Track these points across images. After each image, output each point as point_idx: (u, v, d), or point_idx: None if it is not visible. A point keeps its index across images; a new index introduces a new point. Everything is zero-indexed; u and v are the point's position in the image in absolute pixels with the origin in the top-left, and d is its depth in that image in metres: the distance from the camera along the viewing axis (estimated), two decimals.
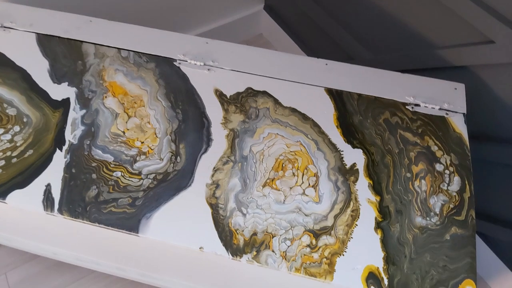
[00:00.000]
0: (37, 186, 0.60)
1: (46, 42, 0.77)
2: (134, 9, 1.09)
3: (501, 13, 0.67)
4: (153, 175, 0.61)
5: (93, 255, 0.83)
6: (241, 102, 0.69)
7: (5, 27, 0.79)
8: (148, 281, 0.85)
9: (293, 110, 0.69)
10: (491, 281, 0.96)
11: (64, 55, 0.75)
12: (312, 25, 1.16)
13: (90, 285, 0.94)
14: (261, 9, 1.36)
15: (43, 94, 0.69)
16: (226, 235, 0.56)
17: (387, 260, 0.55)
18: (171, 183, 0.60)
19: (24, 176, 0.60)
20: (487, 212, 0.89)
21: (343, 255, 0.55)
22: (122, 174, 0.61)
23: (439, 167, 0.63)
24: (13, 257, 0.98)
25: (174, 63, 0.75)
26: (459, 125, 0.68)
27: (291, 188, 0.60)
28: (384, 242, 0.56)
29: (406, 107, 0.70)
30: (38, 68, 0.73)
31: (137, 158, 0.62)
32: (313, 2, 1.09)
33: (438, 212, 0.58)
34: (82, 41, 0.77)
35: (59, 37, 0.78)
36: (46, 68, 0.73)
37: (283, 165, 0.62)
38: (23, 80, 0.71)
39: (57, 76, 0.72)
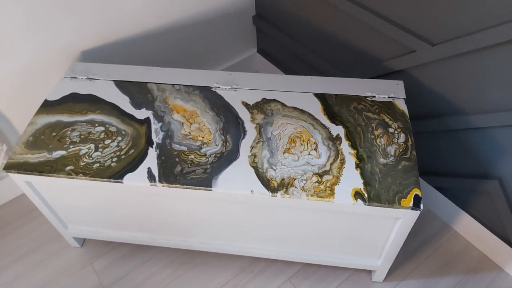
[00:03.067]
0: (142, 170, 0.94)
1: (122, 85, 1.14)
2: (170, 60, 1.48)
3: (417, 33, 1.07)
4: (214, 154, 0.96)
5: (162, 233, 1.16)
6: (260, 107, 1.06)
7: (90, 78, 1.16)
8: (205, 248, 1.17)
9: (295, 108, 1.06)
10: (452, 223, 1.31)
11: (137, 92, 1.12)
12: (295, 59, 1.57)
13: (159, 262, 1.26)
14: (255, 52, 1.77)
15: (130, 117, 1.05)
16: (265, 182, 0.91)
17: (365, 184, 0.90)
18: (226, 158, 0.95)
19: (131, 165, 0.95)
20: (439, 169, 1.25)
21: (338, 184, 0.90)
22: (194, 156, 0.96)
23: (391, 130, 1.00)
24: (95, 251, 1.29)
25: (212, 89, 1.12)
26: (402, 105, 1.06)
27: (301, 152, 0.96)
28: (362, 174, 0.91)
29: (366, 98, 1.08)
30: (122, 101, 1.09)
31: (202, 146, 0.98)
32: (295, 41, 1.50)
33: (393, 154, 0.95)
34: (146, 82, 1.14)
35: (130, 81, 1.15)
36: (128, 101, 1.09)
37: (294, 140, 0.98)
38: (114, 109, 1.07)
39: (136, 105, 1.08)
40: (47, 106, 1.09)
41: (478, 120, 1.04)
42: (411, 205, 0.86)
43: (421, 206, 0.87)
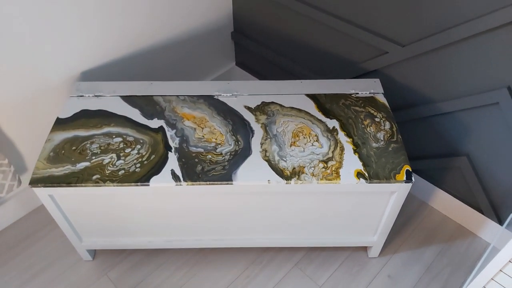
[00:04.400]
0: (165, 172, 1.03)
1: (130, 100, 1.22)
2: (159, 75, 1.58)
3: (388, 37, 1.25)
4: (229, 153, 1.07)
5: (177, 235, 1.24)
6: (261, 109, 1.19)
7: (96, 95, 1.24)
8: (218, 244, 1.26)
9: (292, 108, 1.20)
10: (428, 200, 1.49)
11: (145, 104, 1.21)
12: (275, 69, 1.72)
13: (173, 264, 1.33)
14: (234, 66, 1.90)
15: (145, 126, 1.14)
16: (279, 172, 1.03)
17: (364, 165, 1.05)
18: (241, 155, 1.07)
19: (155, 169, 1.04)
20: (415, 154, 1.43)
21: (342, 167, 1.04)
22: (212, 156, 1.06)
23: (377, 119, 1.16)
24: (108, 262, 1.34)
25: (214, 97, 1.23)
26: (382, 99, 1.23)
27: (305, 144, 1.09)
28: (360, 158, 1.06)
29: (351, 95, 1.24)
30: (133, 114, 1.18)
31: (217, 147, 1.09)
32: (274, 52, 1.65)
33: (382, 139, 1.11)
34: (152, 95, 1.24)
35: (136, 95, 1.24)
36: (139, 113, 1.18)
37: (297, 134, 1.12)
38: (127, 121, 1.15)
39: (148, 116, 1.17)
40: (61, 124, 1.15)
41: (445, 106, 1.23)
42: (405, 178, 1.02)
43: (413, 178, 1.03)
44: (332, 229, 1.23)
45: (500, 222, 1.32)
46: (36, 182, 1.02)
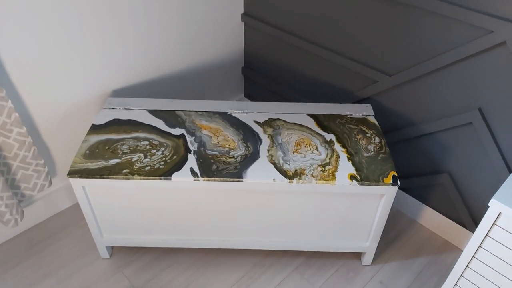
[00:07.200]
0: (185, 169, 1.20)
1: (155, 113, 1.42)
2: (180, 93, 1.79)
3: (378, 68, 1.47)
4: (240, 156, 1.24)
5: (189, 234, 1.38)
6: (269, 124, 1.38)
7: (126, 108, 1.43)
8: (226, 245, 1.40)
9: (295, 123, 1.39)
10: (417, 217, 1.64)
11: (168, 117, 1.40)
12: (278, 99, 1.93)
13: (182, 264, 1.45)
14: (243, 96, 2.12)
15: (169, 134, 1.32)
16: (283, 173, 1.20)
17: (357, 170, 1.21)
18: (250, 158, 1.24)
19: (176, 166, 1.20)
20: (402, 173, 1.60)
21: (337, 171, 1.21)
22: (225, 158, 1.24)
23: (368, 135, 1.34)
24: (123, 260, 1.46)
25: (228, 113, 1.43)
26: (373, 120, 1.42)
27: (306, 151, 1.27)
28: (353, 164, 1.23)
29: (346, 116, 1.43)
30: (158, 124, 1.36)
31: (230, 151, 1.26)
32: (279, 85, 1.87)
33: (373, 150, 1.28)
34: (174, 110, 1.43)
35: (160, 110, 1.43)
36: (163, 123, 1.37)
37: (299, 144, 1.30)
38: (153, 129, 1.34)
39: (171, 126, 1.36)
40: (95, 129, 1.33)
41: (427, 127, 1.42)
42: (391, 182, 1.19)
43: (399, 182, 1.19)
44: (328, 233, 1.37)
45: None
46: (73, 173, 1.18)
